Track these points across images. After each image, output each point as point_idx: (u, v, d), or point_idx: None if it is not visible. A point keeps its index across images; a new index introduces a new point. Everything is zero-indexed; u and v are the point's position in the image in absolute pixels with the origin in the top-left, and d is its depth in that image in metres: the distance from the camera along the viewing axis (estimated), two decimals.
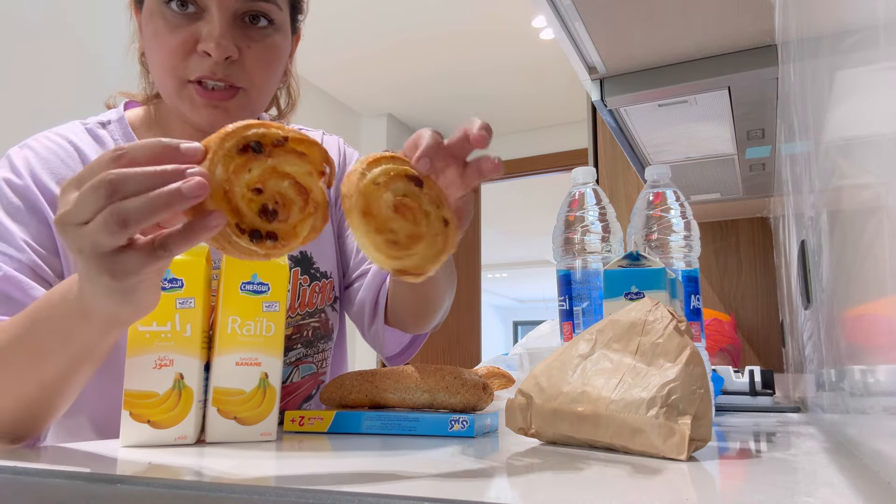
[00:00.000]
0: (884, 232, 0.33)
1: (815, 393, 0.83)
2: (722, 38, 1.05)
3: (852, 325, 0.45)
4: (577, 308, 0.78)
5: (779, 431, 0.66)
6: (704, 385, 0.46)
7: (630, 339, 0.50)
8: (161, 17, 0.68)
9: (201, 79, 0.68)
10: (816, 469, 0.41)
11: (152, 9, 0.69)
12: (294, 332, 0.81)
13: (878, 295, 0.35)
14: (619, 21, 1.00)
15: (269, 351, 0.58)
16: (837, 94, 0.46)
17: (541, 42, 3.24)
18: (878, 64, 0.32)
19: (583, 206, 0.80)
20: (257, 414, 0.57)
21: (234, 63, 0.69)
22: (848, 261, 0.46)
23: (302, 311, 0.82)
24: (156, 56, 0.70)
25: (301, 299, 0.81)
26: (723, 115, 1.25)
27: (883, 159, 0.32)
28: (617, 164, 2.21)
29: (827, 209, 0.56)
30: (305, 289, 0.82)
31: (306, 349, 0.83)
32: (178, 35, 0.68)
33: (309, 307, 0.83)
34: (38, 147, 0.74)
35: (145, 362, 0.53)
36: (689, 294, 0.76)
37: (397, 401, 0.64)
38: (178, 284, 0.54)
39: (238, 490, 0.34)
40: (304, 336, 0.83)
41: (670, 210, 0.77)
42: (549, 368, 0.52)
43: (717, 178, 1.68)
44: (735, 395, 1.12)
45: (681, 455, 0.43)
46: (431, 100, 3.93)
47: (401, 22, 3.06)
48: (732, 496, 0.33)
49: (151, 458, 0.45)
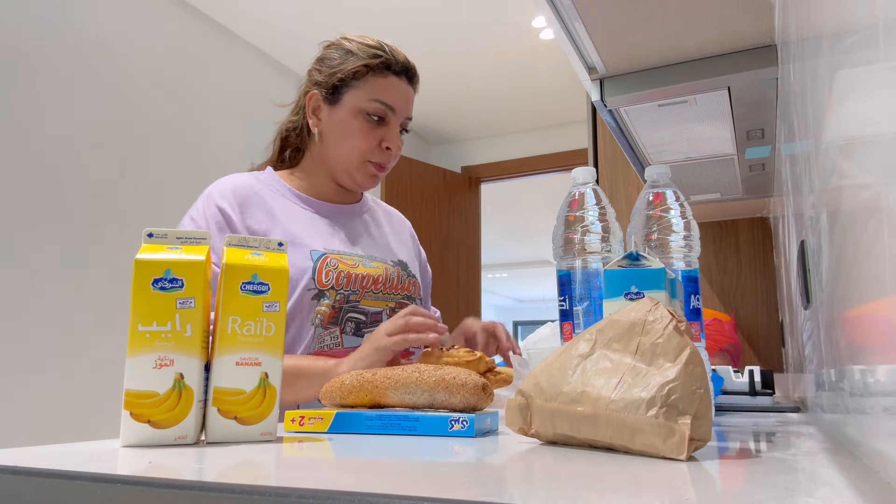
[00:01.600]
0: (884, 232, 0.33)
1: (814, 393, 0.83)
2: (722, 38, 1.05)
3: (852, 325, 0.45)
4: (577, 308, 0.78)
5: (778, 431, 0.66)
6: (704, 385, 0.46)
7: (630, 339, 0.50)
8: (364, 119, 1.07)
9: (379, 162, 1.09)
10: (816, 469, 0.41)
11: (356, 112, 1.07)
12: (395, 307, 1.10)
13: (878, 295, 0.35)
14: (619, 21, 1.00)
15: (270, 351, 0.58)
16: (837, 94, 0.46)
17: (541, 42, 3.24)
18: (878, 64, 0.32)
19: (583, 206, 0.80)
20: (257, 414, 0.57)
21: (395, 154, 1.11)
22: (848, 261, 0.46)
23: (401, 291, 1.11)
24: (352, 141, 1.08)
25: (402, 285, 1.12)
26: (722, 115, 1.25)
27: (883, 159, 0.32)
28: (617, 164, 2.21)
29: (827, 209, 0.56)
30: (404, 280, 1.13)
31: None
32: (374, 134, 1.08)
33: (406, 291, 1.13)
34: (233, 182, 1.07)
35: (146, 362, 0.53)
36: (688, 294, 0.76)
37: (397, 401, 0.64)
38: (179, 284, 0.54)
39: (238, 490, 0.34)
40: None
41: (670, 210, 0.77)
42: (549, 368, 0.52)
43: (716, 178, 1.68)
44: (735, 395, 1.12)
45: (681, 455, 0.43)
46: (431, 100, 3.93)
47: (400, 22, 3.06)
48: (732, 496, 0.33)
49: (151, 458, 0.45)
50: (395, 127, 1.08)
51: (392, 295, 1.09)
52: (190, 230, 0.58)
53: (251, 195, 1.06)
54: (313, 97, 1.10)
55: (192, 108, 2.82)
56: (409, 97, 1.10)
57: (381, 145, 1.08)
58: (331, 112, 1.08)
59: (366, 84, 1.06)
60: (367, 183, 1.11)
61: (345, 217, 1.14)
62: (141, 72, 2.60)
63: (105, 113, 2.44)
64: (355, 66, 1.06)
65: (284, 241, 0.63)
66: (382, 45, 1.08)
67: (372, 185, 1.11)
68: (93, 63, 2.41)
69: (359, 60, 1.06)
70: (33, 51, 2.21)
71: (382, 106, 1.06)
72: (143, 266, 0.54)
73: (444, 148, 4.65)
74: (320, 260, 1.02)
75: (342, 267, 1.04)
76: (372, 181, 1.11)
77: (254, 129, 3.09)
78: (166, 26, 2.73)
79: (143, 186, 2.57)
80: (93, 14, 2.42)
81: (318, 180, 1.13)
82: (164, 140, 2.68)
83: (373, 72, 1.06)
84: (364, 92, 1.06)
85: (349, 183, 1.11)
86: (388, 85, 1.06)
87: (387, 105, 1.06)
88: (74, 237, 2.30)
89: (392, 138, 1.08)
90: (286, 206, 1.08)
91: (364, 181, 1.10)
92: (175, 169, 2.72)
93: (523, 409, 0.53)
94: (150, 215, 2.58)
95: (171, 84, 2.73)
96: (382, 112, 1.07)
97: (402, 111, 1.09)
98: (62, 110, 2.29)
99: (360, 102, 1.06)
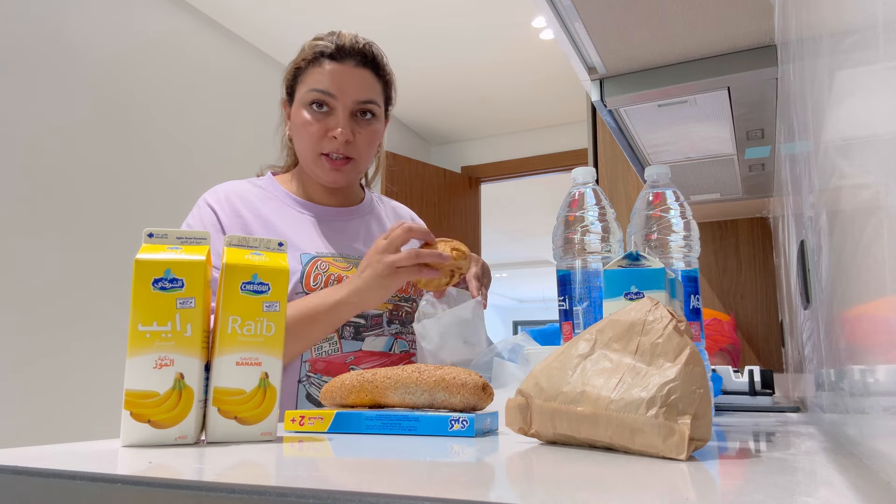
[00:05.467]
0: (883, 232, 0.33)
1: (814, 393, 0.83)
2: (722, 38, 1.05)
3: (852, 325, 0.46)
4: (577, 308, 0.78)
5: (778, 431, 0.66)
6: (704, 385, 0.46)
7: (630, 339, 0.50)
8: (306, 111, 1.04)
9: (329, 153, 1.05)
10: (816, 469, 0.41)
11: (300, 107, 1.05)
12: (394, 310, 1.08)
13: (877, 295, 0.35)
14: (619, 21, 1.00)
15: (270, 351, 0.58)
16: (837, 94, 0.46)
17: (541, 42, 3.24)
18: (877, 64, 0.32)
19: (583, 206, 0.80)
20: (257, 414, 0.57)
21: (350, 143, 1.05)
22: (847, 261, 0.46)
23: (400, 294, 1.09)
24: (300, 138, 1.06)
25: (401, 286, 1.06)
26: (722, 115, 1.25)
27: (883, 159, 0.32)
28: (617, 164, 2.21)
29: (826, 209, 0.56)
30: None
31: (401, 327, 1.08)
32: (319, 125, 1.04)
33: (405, 293, 1.10)
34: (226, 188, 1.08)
35: (146, 362, 0.53)
36: (688, 294, 0.76)
37: (397, 401, 0.64)
38: (179, 284, 0.54)
39: (238, 490, 0.34)
40: (400, 315, 1.09)
41: (670, 210, 0.77)
42: (548, 368, 0.52)
43: (716, 178, 1.68)
44: (735, 395, 1.12)
45: (680, 455, 0.43)
46: (431, 100, 3.93)
47: (401, 22, 3.06)
48: (732, 496, 0.33)
49: (151, 458, 0.45)
50: (340, 113, 1.03)
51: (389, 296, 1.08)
52: (190, 230, 0.59)
53: (243, 200, 1.06)
54: (284, 103, 1.13)
55: (192, 108, 2.82)
56: (356, 80, 1.04)
57: (328, 135, 1.04)
58: (292, 113, 1.09)
59: (306, 77, 1.05)
60: (329, 178, 1.07)
61: (343, 220, 1.13)
62: (141, 72, 2.60)
63: (105, 113, 2.44)
64: (297, 62, 1.07)
65: (284, 241, 0.63)
66: (330, 34, 1.06)
67: (338, 180, 1.07)
68: (92, 63, 2.41)
69: (301, 56, 1.06)
70: (30, 51, 2.21)
71: (318, 93, 1.03)
72: (144, 266, 0.54)
73: (444, 148, 4.65)
74: (310, 263, 1.02)
75: (333, 270, 1.03)
76: (336, 176, 1.06)
77: (256, 129, 3.10)
78: (166, 26, 2.73)
79: (143, 186, 2.57)
80: (92, 14, 2.42)
81: (307, 182, 1.13)
82: (165, 140, 2.68)
83: (311, 63, 1.05)
84: (305, 85, 1.05)
85: (318, 180, 1.09)
86: (325, 72, 1.03)
87: (322, 91, 1.03)
88: (74, 237, 2.30)
89: (336, 124, 1.03)
90: (281, 210, 1.08)
91: (325, 177, 1.07)
92: (175, 169, 2.71)
93: (523, 409, 0.53)
94: (150, 215, 2.58)
95: (171, 84, 2.73)
96: (320, 98, 1.03)
97: (346, 95, 1.03)
98: (62, 110, 2.29)
99: (302, 96, 1.05)
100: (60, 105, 2.28)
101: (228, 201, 1.05)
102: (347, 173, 1.07)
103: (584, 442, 0.50)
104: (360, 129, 1.05)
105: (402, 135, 4.24)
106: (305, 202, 1.11)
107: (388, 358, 1.05)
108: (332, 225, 1.11)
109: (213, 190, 1.08)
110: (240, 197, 1.07)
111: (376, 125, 1.08)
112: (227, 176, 2.53)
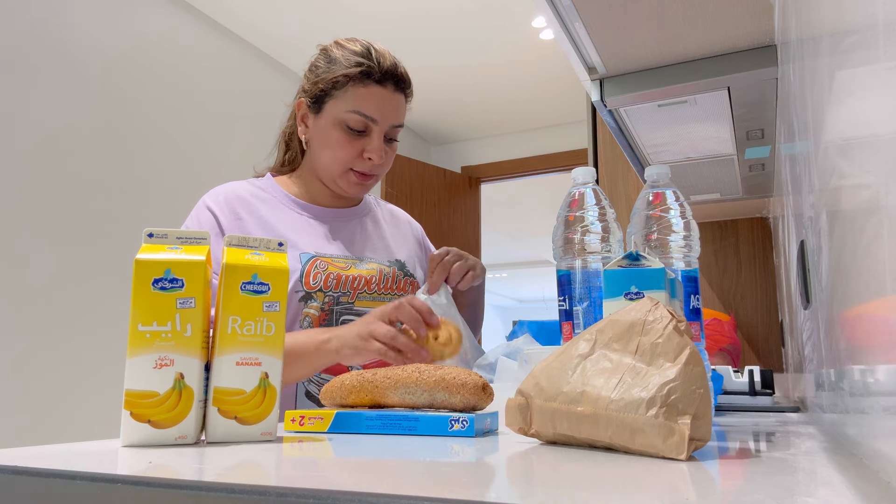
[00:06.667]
0: (883, 232, 0.33)
1: (814, 393, 0.83)
2: (722, 38, 1.05)
3: (852, 325, 0.46)
4: (577, 308, 0.78)
5: (778, 431, 0.66)
6: (704, 385, 0.46)
7: (630, 339, 0.50)
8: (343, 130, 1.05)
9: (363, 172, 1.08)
10: (816, 469, 0.41)
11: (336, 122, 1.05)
12: None
13: (877, 295, 0.35)
14: (619, 21, 1.00)
15: (270, 351, 0.58)
16: (837, 94, 0.46)
17: (541, 42, 3.24)
18: (877, 64, 0.32)
19: (583, 206, 0.80)
20: (257, 414, 0.57)
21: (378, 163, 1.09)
22: (847, 261, 0.46)
23: (396, 292, 1.11)
24: (332, 152, 1.07)
25: (397, 284, 1.12)
26: (722, 115, 1.25)
27: (882, 159, 0.32)
28: (617, 164, 2.21)
29: (826, 209, 0.56)
30: (400, 279, 1.13)
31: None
32: (355, 145, 1.06)
33: (402, 292, 1.13)
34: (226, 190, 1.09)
35: (146, 362, 0.53)
36: (688, 294, 0.76)
37: (397, 401, 0.64)
38: (179, 284, 0.54)
39: (238, 490, 0.34)
40: None
41: (670, 210, 0.77)
42: (548, 368, 0.52)
43: (716, 178, 1.68)
44: (735, 395, 1.12)
45: (680, 455, 0.43)
46: (431, 100, 3.93)
47: (400, 22, 3.06)
48: (732, 496, 0.33)
49: (151, 458, 0.45)
50: (376, 137, 1.06)
51: (387, 295, 1.09)
52: (190, 230, 0.59)
53: (243, 202, 1.07)
54: (301, 105, 1.10)
55: (192, 108, 2.82)
56: (394, 105, 1.06)
57: (363, 155, 1.06)
58: (315, 121, 1.08)
59: (345, 94, 1.04)
60: (352, 190, 1.10)
61: (342, 221, 1.14)
62: (140, 72, 2.60)
63: (105, 112, 2.44)
64: (335, 75, 1.04)
65: (284, 241, 0.63)
66: (369, 51, 1.05)
67: (359, 192, 1.11)
68: (92, 63, 2.41)
69: (340, 69, 1.04)
70: (30, 51, 2.21)
71: (361, 117, 1.04)
72: (144, 266, 0.54)
73: (444, 148, 4.65)
74: (309, 262, 1.03)
75: (332, 269, 1.04)
76: (358, 188, 1.10)
77: (256, 129, 3.09)
78: (166, 27, 2.73)
79: (143, 186, 2.57)
80: (92, 14, 2.42)
81: (313, 186, 1.13)
82: (164, 140, 2.68)
83: (353, 81, 1.03)
84: (343, 102, 1.04)
85: (336, 189, 1.11)
86: (369, 95, 1.04)
87: (366, 116, 1.04)
88: (74, 237, 2.30)
89: (373, 149, 1.05)
90: (280, 211, 1.08)
91: (349, 188, 1.10)
92: (175, 168, 2.71)
93: (523, 409, 0.53)
94: (150, 215, 2.58)
95: (171, 84, 2.73)
96: (362, 124, 1.04)
97: (386, 120, 1.06)
98: (61, 110, 2.29)
99: (340, 113, 1.04)
100: (60, 105, 2.28)
101: (228, 204, 1.06)
102: (368, 187, 1.12)
103: (584, 442, 0.50)
104: (388, 149, 1.09)
105: (402, 135, 4.23)
106: (304, 203, 1.12)
107: None
108: (331, 225, 1.12)
109: (213, 192, 1.08)
110: (239, 199, 1.07)
111: (396, 145, 1.12)
112: (228, 175, 2.53)
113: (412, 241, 1.24)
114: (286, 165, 1.18)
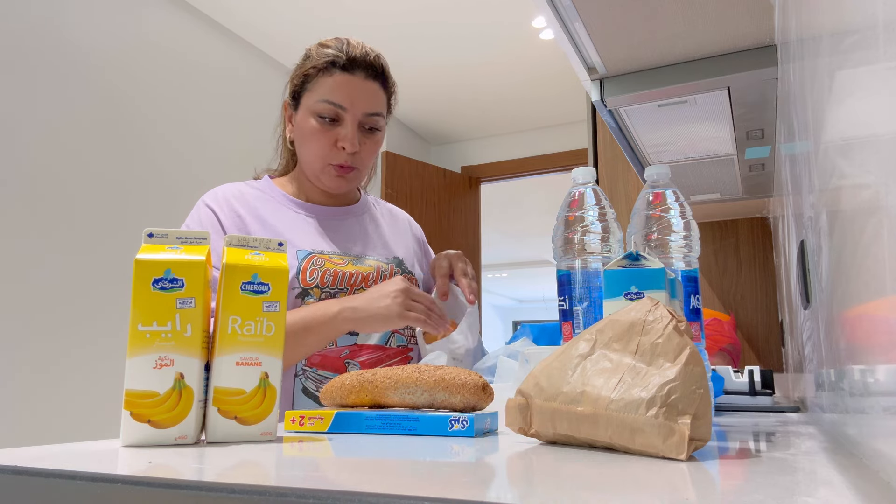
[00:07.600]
0: (883, 232, 0.33)
1: (814, 393, 0.83)
2: (722, 38, 1.05)
3: (852, 325, 0.46)
4: (577, 308, 0.78)
5: (778, 431, 0.66)
6: (704, 385, 0.46)
7: (630, 339, 0.50)
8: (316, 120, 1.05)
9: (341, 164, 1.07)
10: (816, 469, 0.41)
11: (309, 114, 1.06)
12: None
13: (877, 295, 0.35)
14: (619, 21, 1.00)
15: (270, 351, 0.58)
16: (837, 94, 0.46)
17: (541, 42, 3.24)
18: (877, 64, 0.32)
19: (583, 206, 0.80)
20: (257, 414, 0.57)
21: (356, 154, 1.07)
22: (847, 261, 0.46)
23: None
24: (309, 145, 1.07)
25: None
26: (722, 115, 1.25)
27: (883, 159, 0.32)
28: (617, 164, 2.21)
29: (826, 209, 0.56)
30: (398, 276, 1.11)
31: None
32: (328, 135, 1.05)
33: None
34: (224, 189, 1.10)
35: (146, 362, 0.53)
36: (688, 294, 0.76)
37: (397, 401, 0.64)
38: (179, 284, 0.54)
39: (238, 490, 0.34)
40: None
41: (670, 210, 0.77)
42: (548, 368, 0.52)
43: (716, 178, 1.68)
44: (735, 395, 1.12)
45: (680, 455, 0.43)
46: (431, 100, 3.93)
47: (401, 22, 3.06)
48: (732, 496, 0.33)
49: (151, 458, 0.45)
50: (349, 125, 1.05)
51: None
52: (190, 230, 0.59)
53: (241, 200, 1.08)
54: (286, 105, 1.12)
55: (192, 108, 2.82)
56: (365, 92, 1.05)
57: (337, 145, 1.06)
58: (296, 118, 1.09)
59: (315, 85, 1.05)
60: (333, 184, 1.09)
61: (339, 219, 1.14)
62: (140, 72, 2.60)
63: (105, 113, 2.44)
64: (306, 69, 1.06)
65: (285, 241, 0.63)
66: (340, 43, 1.06)
67: (341, 186, 1.10)
68: (92, 63, 2.41)
69: (310, 63, 1.06)
70: (30, 51, 2.21)
71: (330, 105, 1.03)
72: (144, 266, 0.54)
73: (444, 148, 4.65)
74: (305, 259, 1.03)
75: (329, 266, 1.05)
76: (339, 182, 1.09)
77: (256, 129, 3.10)
78: (166, 27, 2.73)
79: (143, 187, 2.57)
80: (92, 14, 2.42)
81: (307, 184, 1.14)
82: (164, 140, 2.68)
83: (321, 72, 1.04)
84: (315, 94, 1.05)
85: (321, 186, 1.11)
86: (337, 83, 1.04)
87: (334, 103, 1.03)
88: (74, 238, 2.30)
89: (346, 137, 1.04)
90: (278, 210, 1.09)
91: (330, 183, 1.09)
92: (175, 169, 2.72)
93: (523, 409, 0.53)
94: (150, 216, 2.58)
95: (171, 84, 2.73)
96: (331, 111, 1.04)
97: (356, 107, 1.05)
98: (61, 111, 2.29)
99: (312, 104, 1.05)
100: (60, 105, 2.28)
101: (227, 202, 1.06)
102: (351, 180, 1.10)
103: (584, 442, 0.50)
104: (365, 140, 1.08)
105: (402, 135, 4.24)
106: (302, 203, 1.12)
107: (383, 352, 1.06)
108: (329, 224, 1.12)
109: (212, 192, 1.09)
110: (237, 198, 1.08)
111: (379, 136, 1.11)
112: (227, 176, 2.53)
113: (411, 240, 1.24)
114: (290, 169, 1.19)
